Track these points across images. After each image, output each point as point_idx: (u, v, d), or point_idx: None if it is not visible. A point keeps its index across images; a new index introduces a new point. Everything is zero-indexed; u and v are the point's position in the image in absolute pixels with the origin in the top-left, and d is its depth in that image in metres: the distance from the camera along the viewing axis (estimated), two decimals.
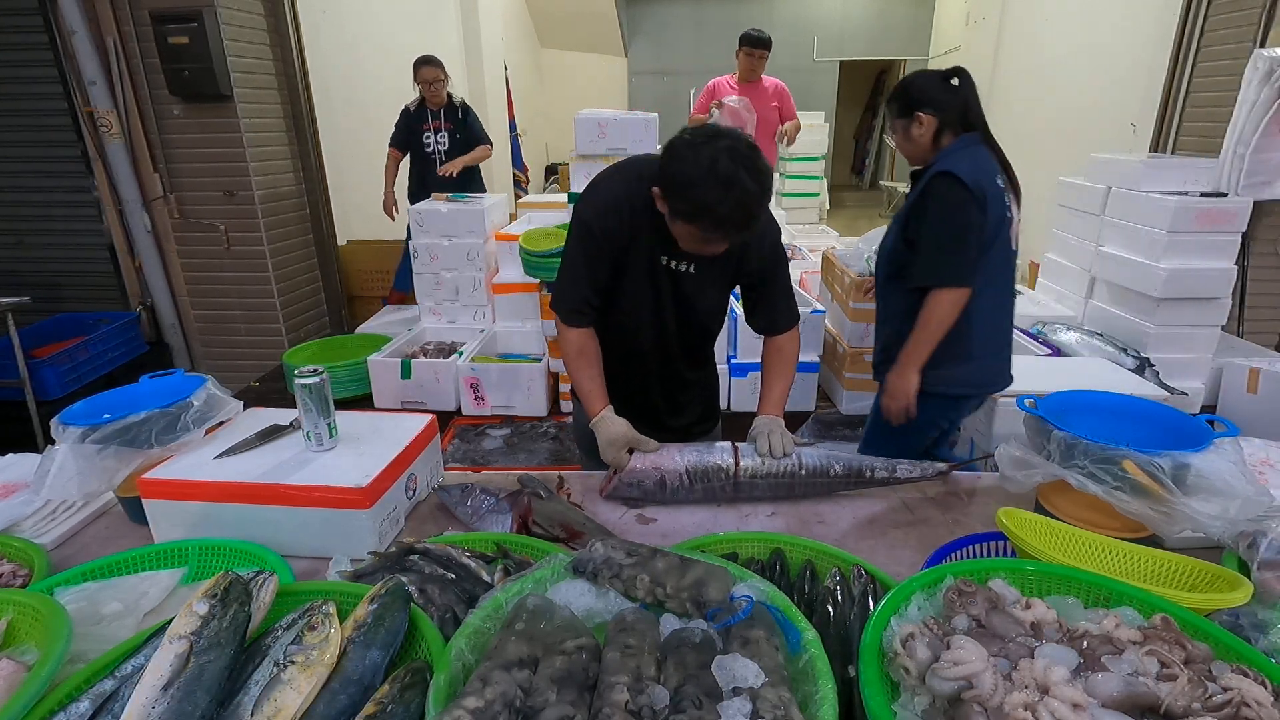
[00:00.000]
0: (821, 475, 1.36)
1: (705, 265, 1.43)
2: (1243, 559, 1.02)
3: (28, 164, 3.76)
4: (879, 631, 0.78)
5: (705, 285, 1.47)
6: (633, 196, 1.37)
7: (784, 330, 1.56)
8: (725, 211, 1.19)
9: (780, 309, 1.55)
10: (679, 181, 1.22)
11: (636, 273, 1.44)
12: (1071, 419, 1.14)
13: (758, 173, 1.19)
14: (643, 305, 1.47)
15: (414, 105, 4.23)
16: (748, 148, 1.20)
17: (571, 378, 1.53)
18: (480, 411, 3.12)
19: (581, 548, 0.95)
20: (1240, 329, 3.41)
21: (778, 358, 1.56)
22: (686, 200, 1.22)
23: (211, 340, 4.15)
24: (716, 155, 1.17)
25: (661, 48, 10.43)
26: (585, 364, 1.50)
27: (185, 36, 3.42)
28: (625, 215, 1.38)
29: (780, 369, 1.55)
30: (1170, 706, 0.66)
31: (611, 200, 1.39)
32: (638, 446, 1.40)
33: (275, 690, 0.72)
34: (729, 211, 1.19)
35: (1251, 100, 2.87)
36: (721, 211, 1.19)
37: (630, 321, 1.51)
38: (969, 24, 8.54)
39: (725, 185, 1.17)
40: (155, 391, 1.34)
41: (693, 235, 1.27)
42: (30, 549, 1.15)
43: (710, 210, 1.20)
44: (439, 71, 4.10)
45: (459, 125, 4.28)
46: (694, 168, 1.19)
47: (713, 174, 1.17)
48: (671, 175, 1.23)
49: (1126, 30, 4.91)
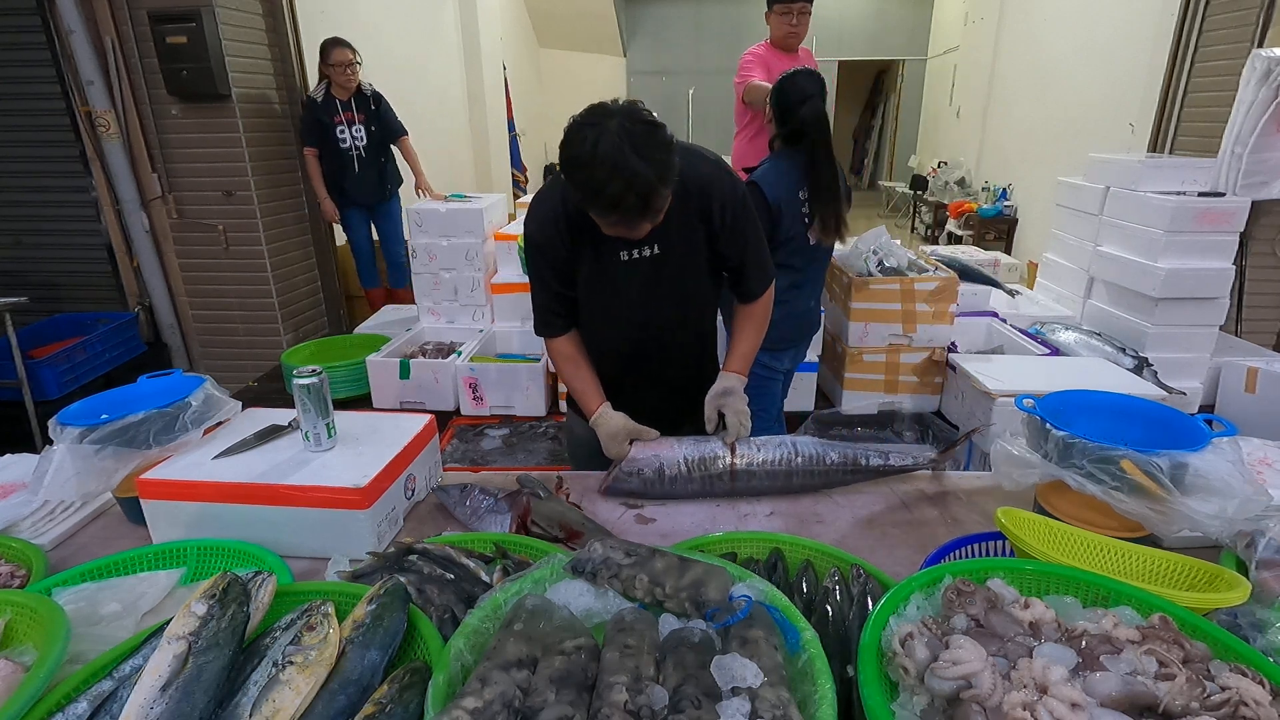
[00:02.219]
0: (818, 464, 1.37)
1: (667, 244, 1.39)
2: (1241, 558, 1.02)
3: (26, 164, 3.76)
4: (878, 631, 0.78)
5: (679, 266, 1.42)
6: (569, 201, 1.34)
7: (760, 294, 1.54)
8: (614, 193, 1.14)
9: (759, 274, 1.51)
10: (568, 165, 1.18)
11: (595, 273, 1.42)
12: (1070, 419, 1.14)
13: (649, 150, 1.13)
14: (613, 304, 1.45)
15: (320, 95, 3.83)
16: (641, 124, 1.15)
17: (565, 384, 1.54)
18: (479, 411, 3.12)
19: (580, 548, 0.95)
20: (1238, 329, 3.42)
21: (749, 315, 1.55)
22: (576, 185, 1.19)
23: (210, 340, 4.15)
24: (600, 136, 1.13)
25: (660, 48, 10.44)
26: (573, 368, 1.51)
27: (183, 36, 3.42)
28: (563, 224, 1.37)
29: (754, 325, 1.55)
30: (1168, 706, 0.66)
31: (548, 211, 1.39)
32: (639, 436, 1.41)
33: (274, 691, 0.72)
34: (618, 194, 1.14)
35: (1249, 100, 2.88)
36: (610, 194, 1.14)
37: (611, 324, 1.50)
38: (968, 24, 8.55)
39: (611, 168, 1.12)
40: (153, 392, 1.33)
41: (600, 220, 1.25)
42: (28, 549, 1.15)
43: (599, 194, 1.16)
44: (352, 54, 3.74)
45: (372, 117, 3.92)
46: (580, 149, 1.15)
47: (596, 156, 1.12)
48: (564, 159, 1.19)
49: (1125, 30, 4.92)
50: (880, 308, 2.83)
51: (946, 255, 3.79)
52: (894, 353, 2.90)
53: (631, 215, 1.20)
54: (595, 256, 1.40)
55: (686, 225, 1.38)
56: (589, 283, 1.44)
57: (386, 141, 4.07)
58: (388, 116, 4.02)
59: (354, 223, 4.25)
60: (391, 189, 4.24)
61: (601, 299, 1.46)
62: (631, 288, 1.43)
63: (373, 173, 4.06)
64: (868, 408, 2.96)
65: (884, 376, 2.94)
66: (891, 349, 2.90)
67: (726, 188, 1.39)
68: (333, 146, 3.94)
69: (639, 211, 1.19)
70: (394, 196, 4.28)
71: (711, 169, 1.39)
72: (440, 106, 6.50)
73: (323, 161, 3.99)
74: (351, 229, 4.28)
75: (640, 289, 1.43)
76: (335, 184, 4.05)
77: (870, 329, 2.87)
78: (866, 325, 2.87)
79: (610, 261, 1.40)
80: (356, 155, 3.95)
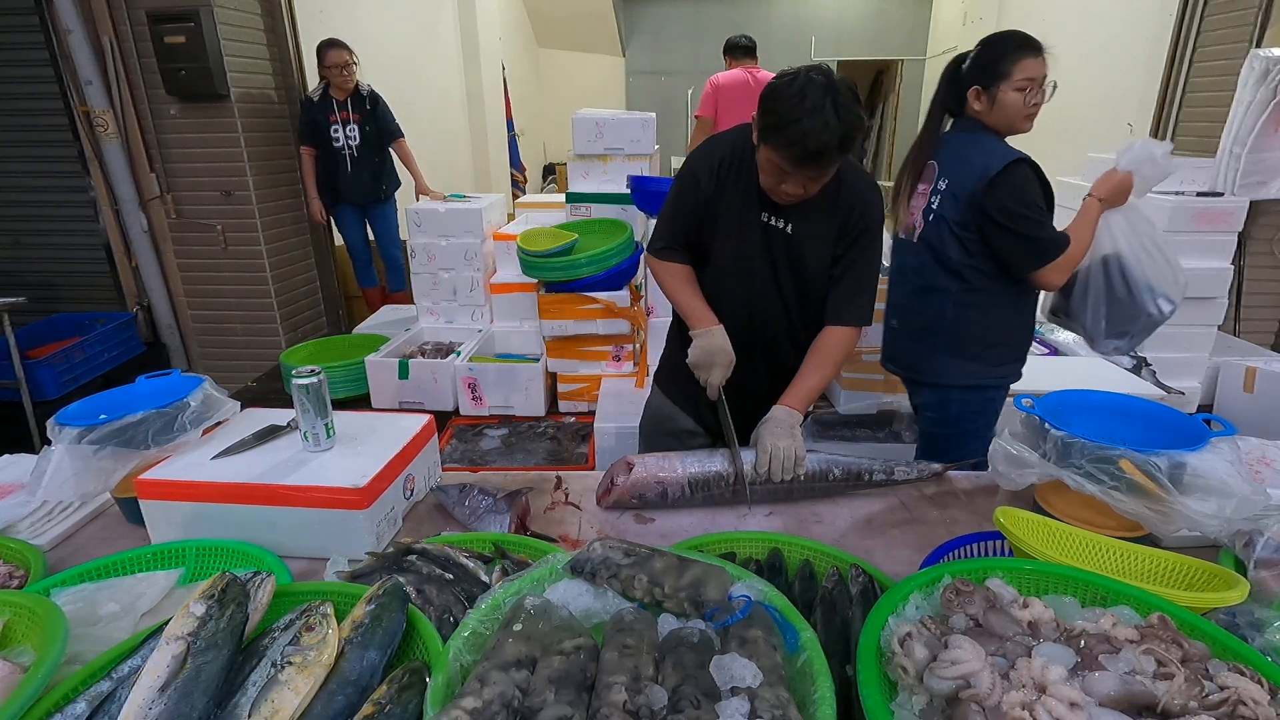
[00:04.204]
0: (820, 480, 1.36)
1: (804, 221, 1.44)
2: (1239, 558, 1.02)
3: (24, 164, 3.75)
4: (877, 631, 0.78)
5: (810, 241, 1.46)
6: (738, 151, 1.44)
7: (846, 323, 1.50)
8: (802, 130, 1.22)
9: (850, 298, 1.49)
10: (766, 100, 1.28)
11: (731, 226, 1.47)
12: (1068, 418, 1.14)
13: (841, 107, 1.22)
14: (744, 261, 1.49)
15: (317, 94, 3.86)
16: (843, 85, 1.24)
17: (673, 300, 1.56)
18: (478, 412, 3.12)
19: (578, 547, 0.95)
20: (1236, 328, 3.42)
21: (821, 350, 1.50)
22: (766, 114, 1.28)
23: (208, 340, 4.14)
24: (808, 83, 1.23)
25: (659, 48, 10.43)
26: (682, 280, 1.54)
27: (182, 36, 3.41)
28: (723, 168, 1.44)
29: (821, 361, 1.49)
30: (1167, 705, 0.67)
31: (717, 151, 1.46)
32: (728, 370, 1.45)
33: (273, 691, 0.72)
34: (805, 131, 1.22)
35: (1248, 100, 2.88)
36: (797, 129, 1.22)
37: (736, 282, 1.52)
38: (966, 24, 8.55)
39: (811, 110, 1.21)
40: (152, 392, 1.33)
41: (769, 163, 1.31)
42: (26, 550, 1.15)
43: (786, 127, 1.23)
44: (348, 55, 3.76)
45: (368, 117, 3.92)
46: (785, 89, 1.25)
47: (799, 97, 1.22)
48: (763, 98, 1.29)
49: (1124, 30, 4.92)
50: (880, 307, 2.82)
51: None
52: None
53: (804, 158, 1.25)
54: (739, 211, 1.46)
55: (825, 218, 1.44)
56: (726, 235, 1.49)
57: (382, 142, 4.05)
58: (384, 117, 4.01)
59: (347, 222, 4.23)
60: (387, 191, 4.20)
61: (734, 254, 1.49)
62: (757, 249, 1.48)
63: (366, 173, 4.04)
64: (867, 408, 2.97)
65: (883, 377, 2.93)
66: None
67: (873, 205, 1.45)
68: (327, 146, 3.95)
69: (813, 156, 1.25)
70: (390, 199, 4.25)
71: (868, 183, 1.47)
72: (439, 106, 6.49)
73: (318, 161, 4.00)
74: (345, 229, 4.26)
75: (765, 254, 1.48)
76: (329, 183, 4.05)
77: (869, 329, 2.87)
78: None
79: (749, 220, 1.46)
80: (349, 154, 3.95)
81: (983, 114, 1.71)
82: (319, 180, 4.03)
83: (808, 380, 1.48)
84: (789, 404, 1.45)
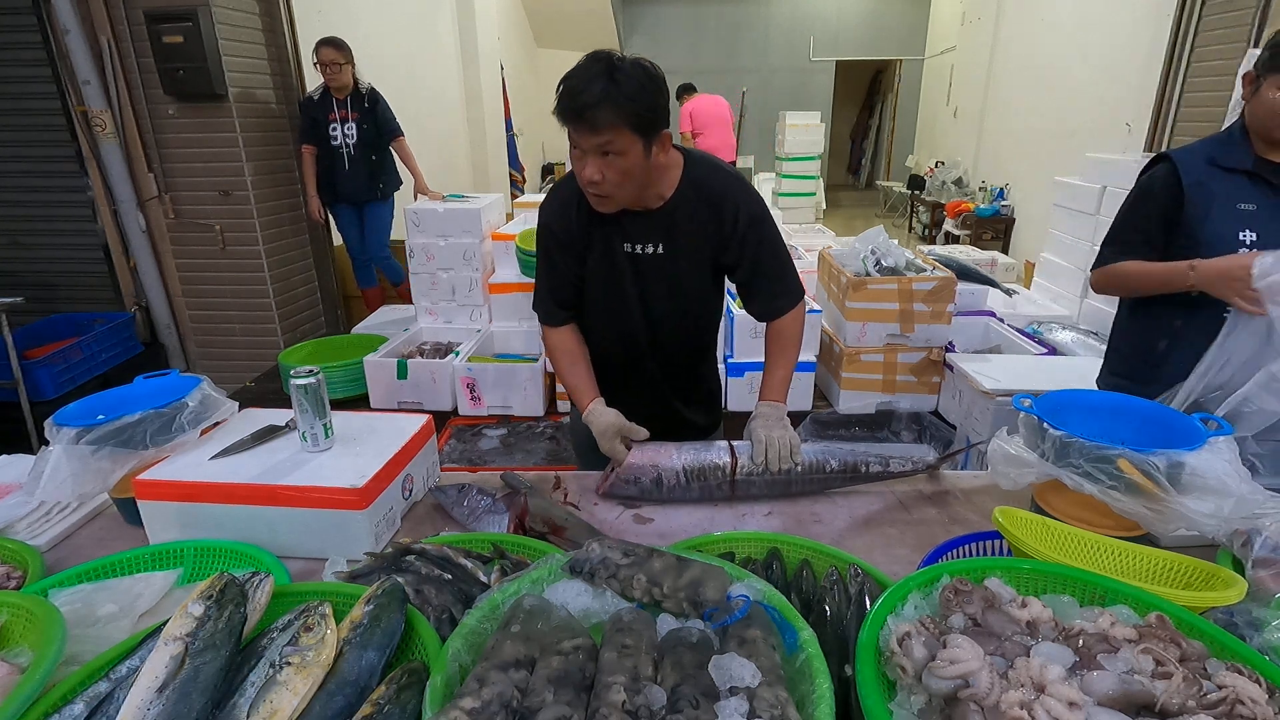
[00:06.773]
0: (818, 471, 1.37)
1: (673, 245, 1.42)
2: (1237, 557, 1.02)
3: (21, 164, 3.75)
4: (875, 630, 0.78)
5: (681, 267, 1.44)
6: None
7: (785, 312, 1.51)
8: (568, 85, 1.22)
9: (776, 290, 1.49)
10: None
11: (601, 262, 1.46)
12: (1067, 418, 1.14)
13: (619, 72, 1.20)
14: (615, 297, 1.48)
15: (317, 94, 3.89)
16: (638, 63, 1.24)
17: (559, 377, 1.56)
18: (477, 412, 3.12)
19: (569, 544, 0.95)
20: None
21: (776, 339, 1.52)
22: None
23: (207, 341, 4.14)
24: (595, 56, 1.23)
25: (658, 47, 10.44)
26: (570, 361, 1.53)
27: (180, 36, 3.41)
28: (576, 210, 1.42)
29: (780, 350, 1.50)
30: (1165, 704, 0.67)
31: (565, 195, 1.44)
32: (629, 435, 1.41)
33: (271, 692, 0.72)
34: (570, 85, 1.21)
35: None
36: (564, 85, 1.22)
37: (611, 319, 1.51)
38: (964, 24, 8.56)
39: (580, 70, 1.22)
40: (150, 392, 1.33)
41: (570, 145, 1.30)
42: (24, 551, 1.15)
43: (559, 87, 1.23)
44: (339, 54, 3.75)
45: (366, 115, 3.93)
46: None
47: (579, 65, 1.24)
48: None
49: (1122, 30, 4.93)
50: (878, 307, 2.84)
51: (944, 255, 3.79)
52: (891, 352, 2.91)
53: (568, 109, 1.23)
54: (604, 247, 1.44)
55: (696, 230, 1.42)
56: (594, 272, 1.48)
57: (381, 141, 4.04)
58: (383, 116, 4.00)
59: (345, 222, 4.22)
60: (385, 190, 4.19)
61: (604, 289, 1.48)
62: (634, 281, 1.46)
63: (363, 171, 4.03)
64: (865, 407, 2.98)
65: (881, 376, 2.94)
66: (889, 348, 2.90)
67: (741, 199, 1.42)
68: (325, 144, 3.95)
69: (573, 109, 1.22)
70: (388, 199, 4.24)
71: (728, 180, 1.43)
72: (437, 106, 6.49)
73: (317, 160, 4.00)
74: (343, 228, 4.26)
75: (642, 283, 1.46)
76: (327, 181, 4.05)
77: (868, 329, 2.87)
78: (864, 325, 2.87)
79: (617, 252, 1.44)
80: (346, 153, 3.95)
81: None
82: (318, 179, 4.03)
83: (777, 371, 1.50)
84: (770, 398, 1.46)
